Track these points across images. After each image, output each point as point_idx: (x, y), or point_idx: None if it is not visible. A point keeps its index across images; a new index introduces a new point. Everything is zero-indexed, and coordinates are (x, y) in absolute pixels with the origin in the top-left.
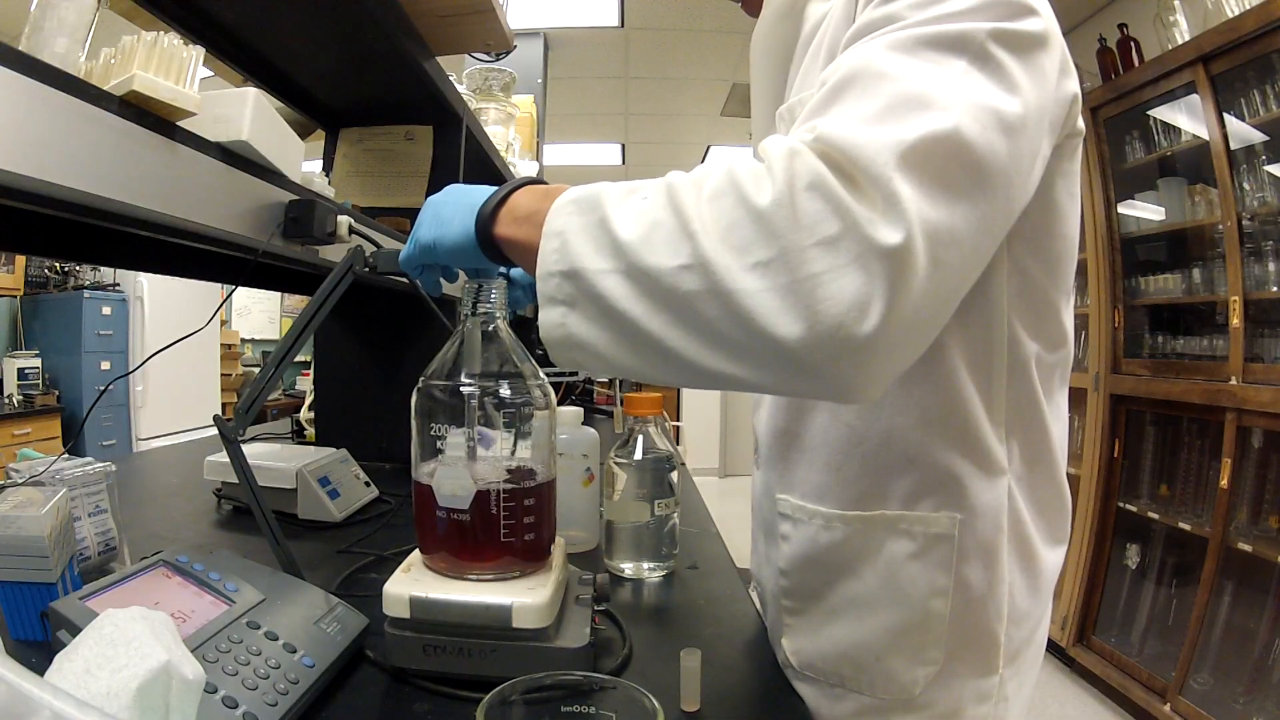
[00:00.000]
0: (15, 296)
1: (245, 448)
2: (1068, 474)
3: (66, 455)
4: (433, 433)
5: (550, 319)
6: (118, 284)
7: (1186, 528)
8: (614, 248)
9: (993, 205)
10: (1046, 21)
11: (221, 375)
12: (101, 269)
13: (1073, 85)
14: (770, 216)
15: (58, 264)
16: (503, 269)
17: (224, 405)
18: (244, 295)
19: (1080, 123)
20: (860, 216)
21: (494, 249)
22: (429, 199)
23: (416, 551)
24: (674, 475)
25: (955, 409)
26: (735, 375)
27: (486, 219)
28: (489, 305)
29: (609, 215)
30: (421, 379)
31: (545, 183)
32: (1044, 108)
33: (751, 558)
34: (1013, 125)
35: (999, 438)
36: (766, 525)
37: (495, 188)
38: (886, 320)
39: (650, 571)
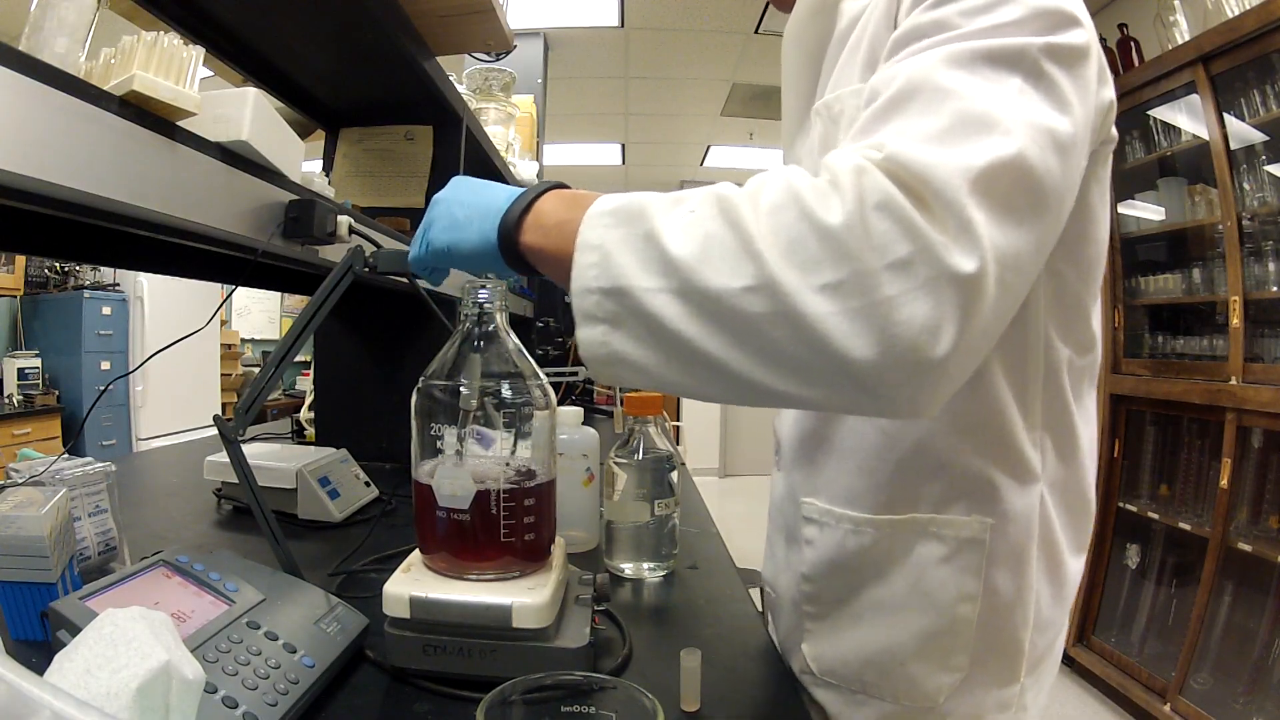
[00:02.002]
0: (15, 296)
1: (245, 448)
2: None
3: (66, 455)
4: (433, 433)
5: (591, 337)
6: (118, 284)
7: (1186, 528)
8: (665, 265)
9: (1048, 226)
10: (1088, 31)
11: (221, 375)
12: (101, 269)
13: (1109, 93)
14: (841, 236)
15: (58, 264)
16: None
17: (224, 405)
18: (244, 295)
19: (1114, 129)
20: (934, 241)
21: (517, 258)
22: (438, 197)
23: (416, 551)
24: (674, 475)
25: (991, 415)
26: (796, 395)
27: (511, 227)
28: (489, 305)
29: (657, 228)
30: (421, 379)
31: (568, 186)
32: (1089, 122)
33: (765, 563)
34: (1065, 145)
35: (1033, 443)
36: (788, 529)
37: (512, 188)
38: (957, 344)
39: (650, 571)
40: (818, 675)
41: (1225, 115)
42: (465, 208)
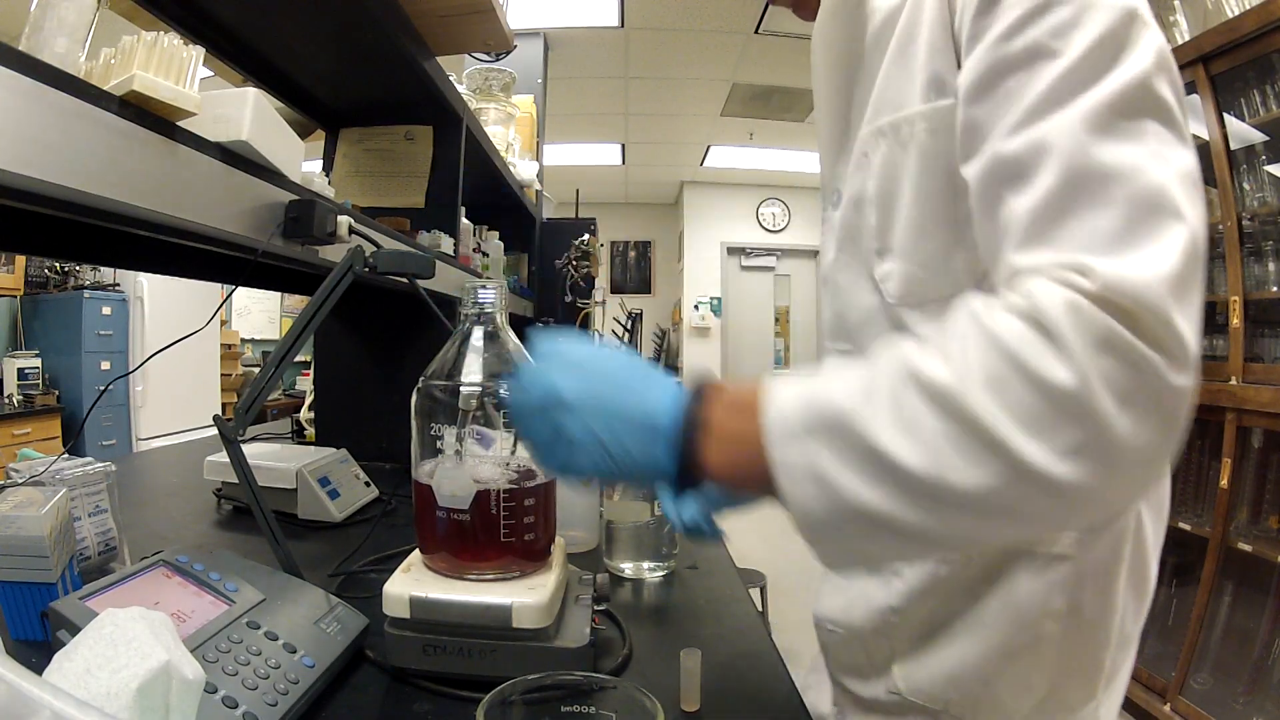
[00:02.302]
0: (15, 296)
1: (245, 448)
2: None
3: (66, 455)
4: (433, 433)
5: (832, 553)
6: (118, 284)
7: (1186, 528)
8: (901, 481)
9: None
10: (1152, 19)
11: (221, 375)
12: (101, 269)
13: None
14: (1078, 398)
15: (58, 264)
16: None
17: (224, 405)
18: (244, 295)
19: None
20: (1156, 364)
21: (693, 481)
22: (559, 395)
23: (416, 551)
24: None
25: None
26: (1020, 536)
27: (690, 455)
28: (489, 305)
29: (871, 440)
30: (421, 379)
31: (717, 380)
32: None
33: (825, 600)
34: (1196, 181)
35: None
36: None
37: (649, 374)
38: (1172, 450)
39: (650, 571)
40: (905, 696)
41: (1225, 115)
42: (607, 420)
